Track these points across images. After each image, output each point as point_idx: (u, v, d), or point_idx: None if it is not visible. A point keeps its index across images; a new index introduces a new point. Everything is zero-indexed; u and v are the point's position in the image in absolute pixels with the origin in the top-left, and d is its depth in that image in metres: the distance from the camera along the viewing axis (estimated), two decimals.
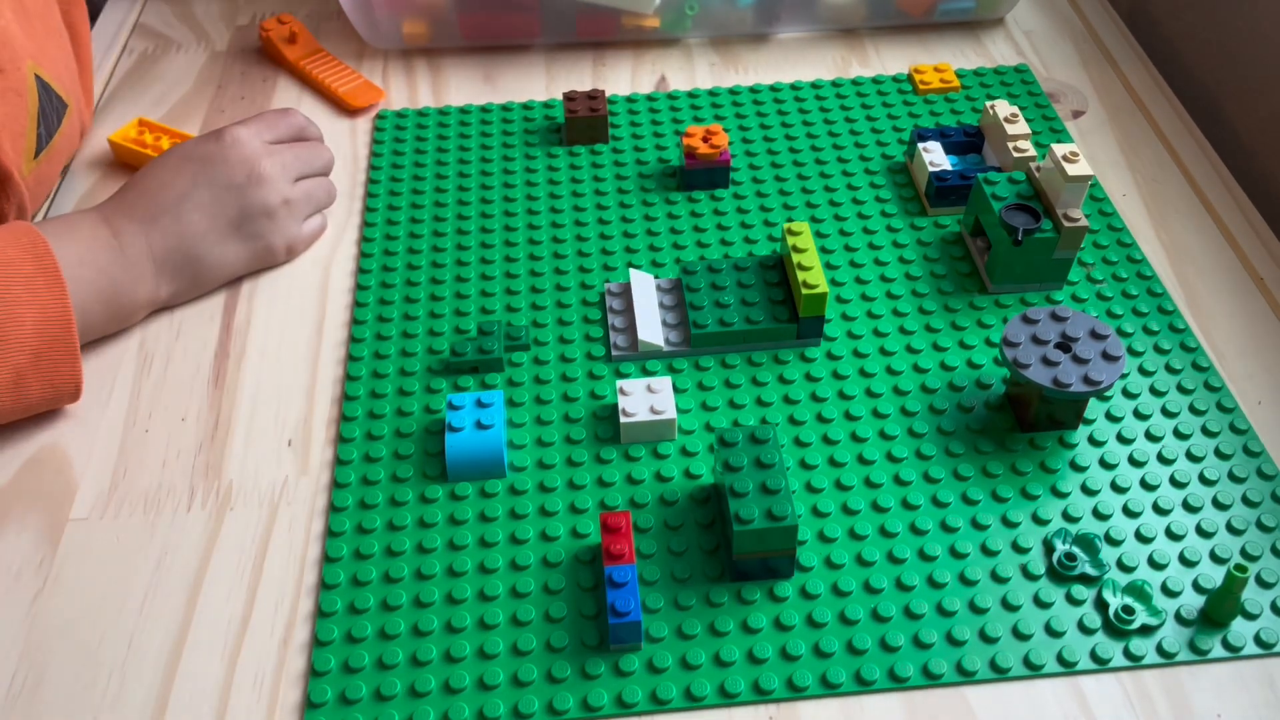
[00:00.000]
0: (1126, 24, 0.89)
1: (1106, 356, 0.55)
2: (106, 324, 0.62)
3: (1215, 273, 0.68)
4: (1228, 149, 0.79)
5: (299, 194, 0.68)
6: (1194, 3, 0.85)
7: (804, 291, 0.60)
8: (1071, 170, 0.61)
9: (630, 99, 0.80)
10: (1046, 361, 0.55)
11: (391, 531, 0.55)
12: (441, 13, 0.73)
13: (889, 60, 0.84)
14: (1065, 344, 0.56)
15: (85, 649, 0.51)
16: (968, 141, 0.73)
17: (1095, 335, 0.56)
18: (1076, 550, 0.53)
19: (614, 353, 0.62)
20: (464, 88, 0.82)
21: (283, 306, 0.66)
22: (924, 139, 0.73)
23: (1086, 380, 0.54)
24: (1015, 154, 0.68)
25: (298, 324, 0.65)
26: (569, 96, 0.76)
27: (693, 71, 0.84)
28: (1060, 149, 0.62)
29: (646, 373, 0.62)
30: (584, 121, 0.76)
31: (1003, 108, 0.71)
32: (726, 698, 0.48)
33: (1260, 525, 0.54)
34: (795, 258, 0.61)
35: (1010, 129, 0.69)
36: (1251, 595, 0.51)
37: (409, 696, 0.49)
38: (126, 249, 0.61)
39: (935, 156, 0.71)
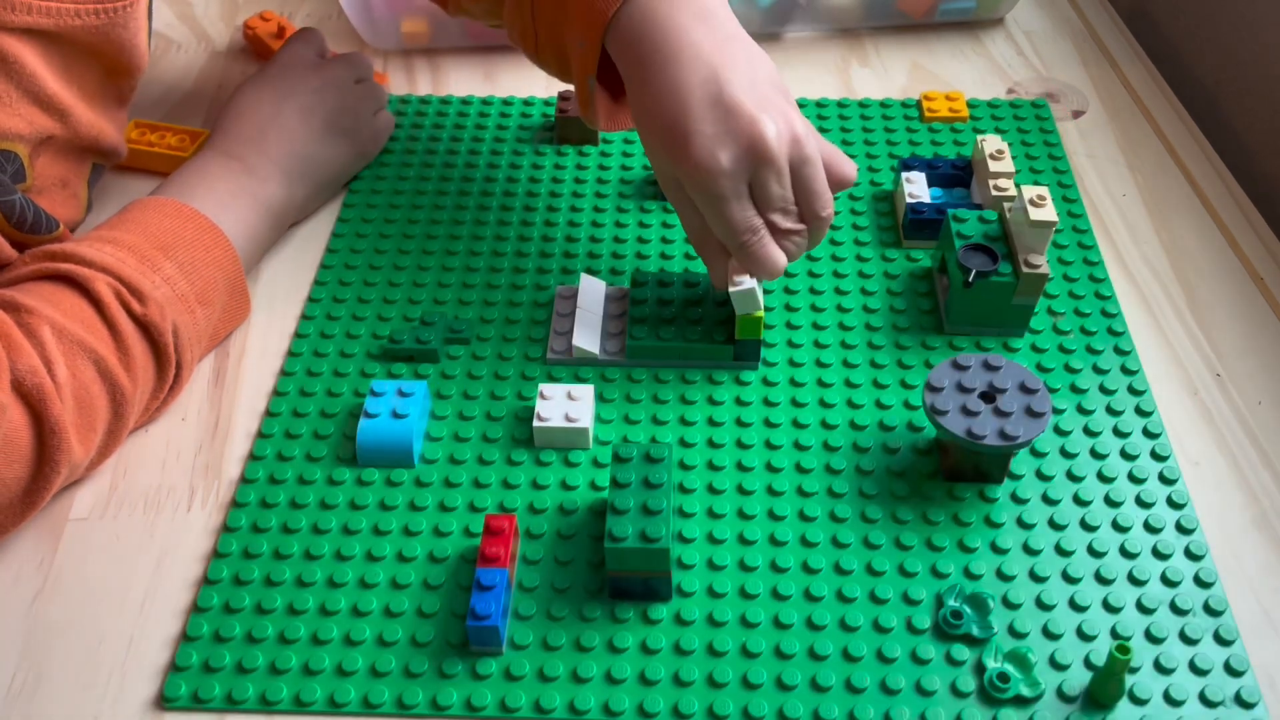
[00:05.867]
0: (1126, 24, 0.87)
1: (1030, 412, 0.53)
2: (275, 235, 0.68)
3: (1215, 273, 0.67)
4: (1228, 149, 0.77)
5: (363, 91, 0.74)
6: (1194, 3, 0.83)
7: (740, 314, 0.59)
8: (1035, 215, 0.59)
9: None
10: (965, 411, 0.53)
11: (292, 509, 0.56)
12: (441, 12, 0.73)
13: (890, 60, 0.83)
14: (991, 394, 0.54)
15: (85, 649, 0.51)
16: (955, 175, 0.71)
17: (1024, 389, 0.54)
18: (965, 609, 0.51)
19: (550, 355, 0.62)
20: (464, 87, 0.82)
21: (283, 305, 0.66)
22: (909, 169, 0.71)
23: (1003, 435, 0.52)
24: (995, 192, 0.66)
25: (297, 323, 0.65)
26: (563, 96, 0.76)
27: None
28: (1030, 191, 0.60)
29: (579, 379, 0.62)
30: (575, 121, 0.76)
31: (991, 143, 0.68)
32: (574, 714, 0.48)
33: (1174, 607, 0.51)
34: None
35: (993, 165, 0.67)
36: (1145, 680, 0.49)
37: (269, 673, 0.49)
38: (255, 169, 0.66)
39: (916, 188, 0.69)
